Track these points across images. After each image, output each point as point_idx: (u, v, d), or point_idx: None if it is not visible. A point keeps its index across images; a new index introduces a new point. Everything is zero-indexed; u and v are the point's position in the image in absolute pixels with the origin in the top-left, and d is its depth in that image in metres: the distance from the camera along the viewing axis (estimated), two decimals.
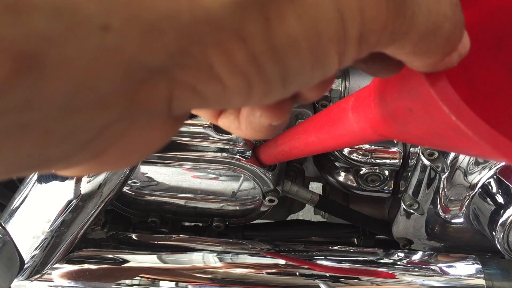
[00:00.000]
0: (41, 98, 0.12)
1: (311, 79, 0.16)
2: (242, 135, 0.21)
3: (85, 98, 0.12)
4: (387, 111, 0.25)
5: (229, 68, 0.14)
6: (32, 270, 0.68)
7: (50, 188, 0.64)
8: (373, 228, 0.86)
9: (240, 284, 0.70)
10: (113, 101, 0.13)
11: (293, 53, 0.14)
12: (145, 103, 0.14)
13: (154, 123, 0.16)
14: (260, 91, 0.15)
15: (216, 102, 0.15)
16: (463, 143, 0.20)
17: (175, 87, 0.14)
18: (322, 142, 0.42)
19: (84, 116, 0.13)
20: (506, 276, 0.71)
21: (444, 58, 0.18)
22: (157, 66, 0.13)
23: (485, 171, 0.69)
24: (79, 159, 0.15)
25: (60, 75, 0.12)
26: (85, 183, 0.63)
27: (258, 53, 0.14)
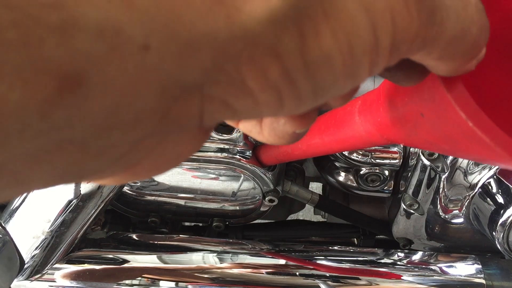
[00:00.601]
0: (81, 116, 0.12)
1: (342, 90, 0.16)
2: (263, 140, 0.21)
3: (122, 115, 0.13)
4: (396, 115, 0.25)
5: (262, 83, 0.14)
6: (32, 270, 0.68)
7: (50, 188, 0.64)
8: (373, 228, 0.86)
9: (240, 284, 0.70)
10: (148, 118, 0.13)
11: (326, 68, 0.14)
12: (178, 118, 0.14)
13: (185, 136, 0.16)
14: (291, 104, 0.15)
15: (247, 114, 0.15)
16: (476, 149, 0.19)
17: (207, 102, 0.14)
18: (326, 144, 0.42)
19: (119, 132, 0.13)
20: (506, 276, 0.71)
21: (469, 62, 0.18)
22: (191, 83, 0.13)
23: (485, 171, 0.69)
24: (112, 172, 0.15)
25: (101, 94, 0.12)
26: (85, 183, 0.63)
27: (292, 69, 0.14)
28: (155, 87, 0.13)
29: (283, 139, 0.20)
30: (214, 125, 0.18)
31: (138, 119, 0.13)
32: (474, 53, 0.18)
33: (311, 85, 0.15)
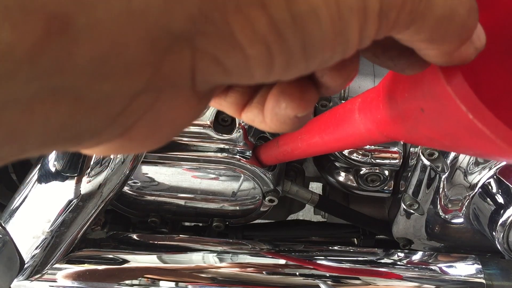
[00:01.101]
0: (72, 62, 0.12)
1: (332, 54, 0.16)
2: (266, 128, 0.21)
3: (113, 65, 0.13)
4: (396, 112, 0.25)
5: (250, 35, 0.14)
6: (32, 270, 0.68)
7: (50, 188, 0.64)
8: (373, 228, 0.86)
9: (240, 284, 0.70)
10: (140, 70, 0.13)
11: (313, 22, 0.14)
12: (170, 73, 0.14)
13: (179, 97, 0.16)
14: (282, 61, 0.15)
15: (239, 74, 0.15)
16: (477, 143, 0.19)
17: (197, 57, 0.14)
18: (326, 143, 0.42)
19: (112, 84, 0.13)
20: (506, 276, 0.71)
21: (460, 45, 0.18)
22: (179, 32, 0.13)
23: (485, 171, 0.69)
24: (108, 134, 0.15)
25: (90, 38, 0.12)
26: (85, 183, 0.63)
27: (279, 20, 0.14)
28: (143, 35, 0.13)
29: (285, 124, 0.20)
30: (209, 93, 0.18)
31: (130, 70, 0.13)
32: (463, 36, 0.18)
33: (299, 39, 0.15)
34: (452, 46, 0.18)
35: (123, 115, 0.15)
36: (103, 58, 0.12)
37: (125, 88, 0.14)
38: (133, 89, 0.14)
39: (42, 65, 0.11)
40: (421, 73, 0.21)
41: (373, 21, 0.15)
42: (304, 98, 0.20)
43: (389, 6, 0.15)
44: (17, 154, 0.13)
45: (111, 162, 0.63)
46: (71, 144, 0.15)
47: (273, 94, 0.20)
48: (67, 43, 0.12)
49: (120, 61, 0.13)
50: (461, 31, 0.17)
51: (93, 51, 0.12)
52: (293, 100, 0.20)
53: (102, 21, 0.12)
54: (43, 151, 0.14)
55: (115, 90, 0.13)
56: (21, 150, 0.13)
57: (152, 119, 0.16)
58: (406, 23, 0.16)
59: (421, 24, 0.16)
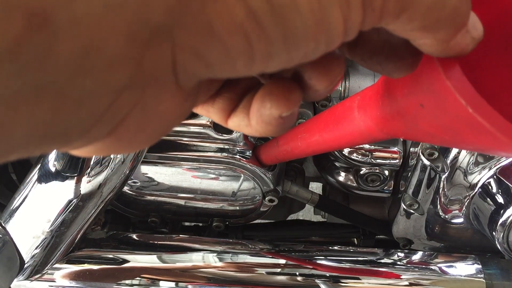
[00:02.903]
0: (52, 57, 0.12)
1: (316, 45, 0.16)
2: (252, 132, 0.21)
3: (94, 60, 0.13)
4: (396, 108, 0.25)
5: (228, 25, 0.14)
6: (32, 270, 0.68)
7: (50, 188, 0.64)
8: (373, 228, 0.86)
9: (240, 284, 0.70)
10: (121, 64, 0.13)
11: (292, 10, 0.14)
12: (152, 68, 0.14)
13: (164, 93, 0.16)
14: (262, 51, 0.15)
15: (221, 66, 0.15)
16: (477, 137, 0.20)
17: (178, 50, 0.14)
18: (326, 142, 0.42)
19: (94, 79, 0.13)
20: (506, 276, 0.71)
21: (455, 33, 0.18)
22: (158, 25, 0.13)
23: (485, 171, 0.69)
24: (96, 133, 0.15)
25: (69, 34, 0.12)
26: (85, 183, 0.63)
27: (256, 8, 0.14)
28: (122, 29, 0.13)
29: (270, 125, 0.20)
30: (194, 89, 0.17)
31: (111, 65, 0.13)
32: (457, 21, 0.17)
33: (279, 29, 0.15)
34: (447, 34, 0.18)
35: (109, 112, 0.15)
36: (83, 53, 0.12)
37: (108, 84, 0.14)
38: (117, 85, 0.14)
39: (23, 61, 0.12)
40: (420, 69, 0.21)
41: (357, 10, 0.15)
42: (289, 98, 0.20)
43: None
44: (5, 153, 0.13)
45: (111, 162, 0.63)
46: (59, 143, 0.15)
47: (259, 96, 0.20)
48: (47, 38, 0.12)
49: (100, 56, 0.13)
50: (454, 16, 0.17)
51: (73, 46, 0.12)
52: (278, 99, 0.20)
53: (81, 16, 0.12)
54: (31, 150, 0.14)
55: (98, 86, 0.13)
56: (8, 149, 0.13)
57: (139, 116, 0.16)
58: (395, 11, 0.16)
59: (412, 11, 0.16)
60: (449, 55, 0.19)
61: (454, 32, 0.18)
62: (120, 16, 0.13)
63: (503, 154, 0.21)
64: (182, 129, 0.72)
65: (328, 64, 0.20)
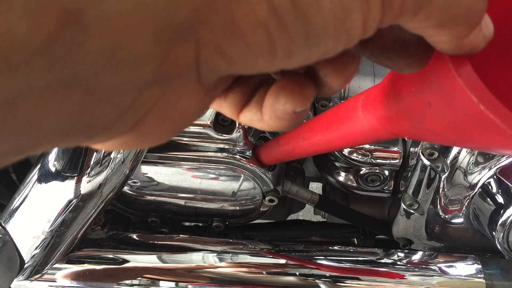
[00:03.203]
0: (83, 53, 0.12)
1: (336, 43, 0.16)
2: (264, 126, 0.21)
3: (121, 56, 0.13)
4: (402, 107, 0.25)
5: (252, 23, 0.14)
6: (32, 270, 0.67)
7: (50, 188, 0.64)
8: (373, 228, 0.86)
9: (240, 284, 0.70)
10: (147, 61, 0.14)
11: (314, 8, 0.15)
12: (175, 64, 0.15)
13: (186, 88, 0.16)
14: (284, 48, 0.15)
15: (242, 63, 0.16)
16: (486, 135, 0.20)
17: (201, 47, 0.15)
18: (328, 141, 0.42)
19: (121, 75, 0.14)
20: (506, 276, 0.71)
21: (471, 30, 0.18)
22: (183, 23, 0.14)
23: (485, 171, 0.69)
24: (119, 128, 0.16)
25: (100, 30, 0.12)
26: (85, 183, 0.63)
27: (279, 6, 0.14)
28: (150, 27, 0.13)
29: (283, 120, 0.21)
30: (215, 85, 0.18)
31: (137, 62, 0.14)
32: (474, 18, 0.17)
33: (301, 27, 0.15)
34: (462, 31, 0.18)
35: (133, 107, 0.15)
36: (111, 49, 0.13)
37: (133, 80, 0.14)
38: (141, 81, 0.14)
39: (55, 55, 0.12)
40: (428, 67, 0.21)
41: (376, 9, 0.15)
42: (303, 93, 0.20)
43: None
44: (33, 146, 0.14)
45: (111, 162, 0.63)
46: (84, 137, 0.15)
47: (273, 91, 0.20)
48: (79, 35, 0.12)
49: (127, 53, 0.13)
50: (470, 14, 0.17)
51: (102, 42, 0.13)
52: (292, 95, 0.20)
53: (112, 13, 0.12)
54: (57, 143, 0.14)
55: (124, 81, 0.14)
56: (37, 142, 0.14)
57: (161, 111, 0.16)
58: (413, 9, 0.16)
59: (430, 9, 0.16)
60: (462, 52, 0.19)
61: (470, 30, 0.18)
62: (148, 14, 0.13)
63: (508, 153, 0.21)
64: None
65: (344, 61, 0.20)
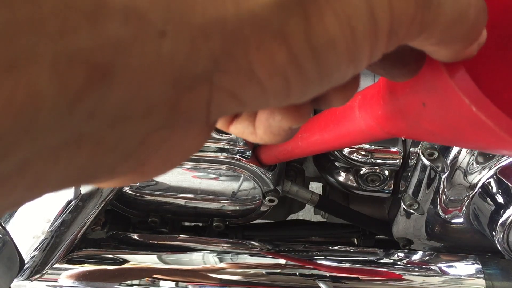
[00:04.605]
0: (102, 108, 0.12)
1: (344, 76, 0.16)
2: (256, 140, 0.21)
3: (136, 107, 0.12)
4: (397, 107, 0.25)
5: (270, 69, 0.14)
6: (32, 270, 0.68)
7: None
8: (373, 228, 0.86)
9: (240, 284, 0.70)
10: (159, 109, 0.13)
11: (331, 51, 0.15)
12: (187, 110, 0.14)
13: (192, 130, 0.16)
14: (298, 91, 0.15)
15: (254, 105, 0.15)
16: (480, 136, 0.20)
17: (215, 93, 0.14)
18: (326, 141, 0.42)
19: (131, 125, 0.13)
20: (506, 276, 0.71)
21: (469, 45, 0.18)
22: (202, 72, 0.13)
23: (485, 171, 0.69)
24: (122, 170, 0.15)
25: (123, 85, 0.12)
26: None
27: (299, 52, 0.14)
28: (169, 77, 0.13)
29: (278, 136, 0.20)
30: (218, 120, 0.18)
31: (150, 110, 0.13)
32: (473, 36, 0.18)
33: (317, 69, 0.15)
34: (461, 47, 0.18)
35: (138, 151, 0.14)
36: (128, 102, 0.12)
37: (143, 128, 0.13)
38: (151, 128, 0.14)
39: (78, 113, 0.11)
40: (422, 68, 0.21)
41: (383, 40, 0.16)
42: (300, 111, 0.20)
43: (399, 25, 0.15)
44: (36, 196, 0.13)
45: None
46: (87, 182, 0.15)
47: None
48: (105, 90, 0.11)
49: (142, 103, 0.13)
50: (471, 32, 0.17)
51: (122, 96, 0.12)
52: (289, 112, 0.19)
53: (136, 67, 0.12)
54: (60, 190, 0.14)
55: (134, 130, 0.13)
56: (41, 193, 0.13)
57: (165, 152, 0.16)
58: (415, 34, 0.16)
59: (431, 31, 0.16)
60: (456, 60, 0.19)
61: (469, 45, 0.18)
62: (169, 67, 0.12)
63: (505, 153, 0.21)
64: None
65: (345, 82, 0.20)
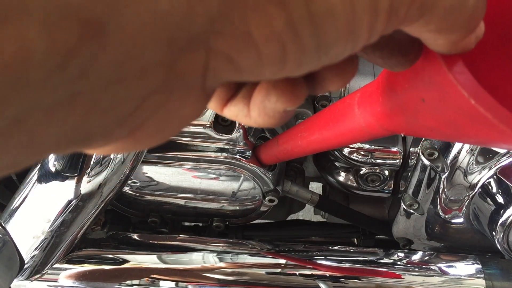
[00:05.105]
0: (96, 67, 0.12)
1: (342, 51, 0.16)
2: (250, 122, 0.21)
3: (130, 67, 0.12)
4: (396, 103, 0.25)
5: (267, 34, 0.14)
6: (32, 270, 0.68)
7: (50, 188, 0.64)
8: (373, 228, 0.86)
9: (240, 284, 0.70)
10: (154, 71, 0.13)
11: (330, 21, 0.14)
12: (183, 73, 0.14)
13: (188, 96, 0.16)
14: (294, 60, 0.15)
15: (250, 72, 0.15)
16: (479, 130, 0.20)
17: (211, 56, 0.14)
18: (326, 140, 0.42)
19: (126, 86, 0.13)
20: (506, 276, 0.71)
21: (467, 35, 0.18)
22: (198, 33, 0.13)
23: (485, 171, 0.69)
24: (117, 134, 0.15)
25: (116, 43, 0.12)
26: (85, 183, 0.63)
27: (297, 19, 0.14)
28: (164, 36, 0.12)
29: (272, 119, 0.20)
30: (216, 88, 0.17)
31: (145, 72, 0.13)
32: (471, 25, 0.18)
33: (315, 39, 0.15)
34: (459, 36, 0.18)
35: (133, 115, 0.14)
36: (122, 62, 0.12)
37: (139, 89, 0.13)
38: (147, 90, 0.14)
39: (70, 71, 0.11)
40: (421, 63, 0.21)
41: (383, 18, 0.16)
42: (296, 93, 0.19)
43: (400, 4, 0.15)
44: (33, 157, 0.13)
45: (111, 162, 0.63)
46: (82, 145, 0.14)
47: (263, 87, 0.20)
48: (96, 48, 0.11)
49: (136, 63, 0.12)
50: (469, 21, 0.17)
51: (115, 54, 0.12)
52: (284, 94, 0.19)
53: (129, 24, 0.12)
54: (57, 152, 0.14)
55: (129, 91, 0.13)
56: (36, 155, 0.13)
57: (161, 118, 0.16)
58: (415, 16, 0.16)
59: (430, 16, 0.16)
60: (453, 53, 0.19)
61: (466, 35, 0.18)
62: (164, 25, 0.12)
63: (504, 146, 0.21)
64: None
65: (343, 65, 0.20)
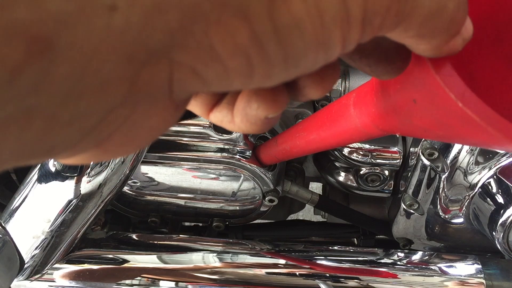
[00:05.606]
0: (48, 82, 0.12)
1: (314, 62, 0.16)
2: (235, 129, 0.21)
3: (89, 82, 0.12)
4: (389, 104, 0.25)
5: (231, 48, 0.14)
6: (32, 270, 0.68)
7: (50, 188, 0.64)
8: (373, 228, 0.86)
9: (240, 284, 0.70)
10: (116, 85, 0.13)
11: (296, 34, 0.14)
12: (146, 86, 0.14)
13: (155, 108, 0.16)
14: (262, 72, 0.15)
15: (217, 84, 0.15)
16: (468, 131, 0.20)
17: (175, 68, 0.14)
18: (323, 140, 0.42)
19: (87, 101, 0.13)
20: (506, 276, 0.71)
21: (450, 39, 0.18)
22: (158, 47, 0.13)
23: (485, 171, 0.69)
24: (83, 146, 0.15)
25: (69, 59, 0.12)
26: (85, 183, 0.63)
27: (261, 32, 0.14)
28: (121, 51, 0.12)
29: (255, 125, 0.20)
30: (186, 101, 0.17)
31: (105, 86, 0.13)
32: (453, 29, 0.17)
33: (281, 51, 0.15)
34: (441, 41, 0.18)
35: (97, 128, 0.14)
36: (78, 77, 0.12)
37: (100, 104, 0.13)
38: (109, 104, 0.13)
39: (19, 87, 0.11)
40: (411, 65, 0.21)
41: (357, 28, 0.15)
42: (277, 100, 0.19)
43: (374, 13, 0.15)
44: None
45: (111, 162, 0.63)
46: (46, 156, 0.14)
47: (244, 94, 0.20)
48: (46, 64, 0.11)
49: (95, 78, 0.12)
50: (450, 25, 0.17)
51: (69, 70, 0.12)
52: (265, 101, 0.19)
53: (81, 41, 0.12)
54: (18, 163, 0.14)
55: (90, 106, 0.13)
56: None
57: (128, 130, 0.16)
58: (392, 25, 0.16)
59: (408, 23, 0.16)
60: (440, 56, 0.19)
61: (449, 39, 0.18)
62: (120, 40, 0.12)
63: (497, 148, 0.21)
64: (182, 129, 0.72)
65: (323, 72, 0.19)
